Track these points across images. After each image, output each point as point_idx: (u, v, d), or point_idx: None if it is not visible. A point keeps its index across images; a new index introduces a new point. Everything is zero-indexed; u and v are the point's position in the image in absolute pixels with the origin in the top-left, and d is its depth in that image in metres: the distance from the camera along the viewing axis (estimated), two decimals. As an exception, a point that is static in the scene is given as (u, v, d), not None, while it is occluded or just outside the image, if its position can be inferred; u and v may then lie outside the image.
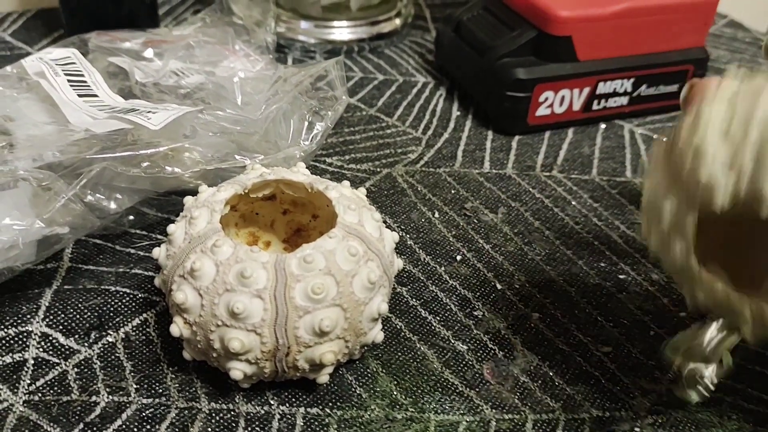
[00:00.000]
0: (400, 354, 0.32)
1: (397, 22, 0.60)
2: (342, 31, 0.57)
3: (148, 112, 0.33)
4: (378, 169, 0.44)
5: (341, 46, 0.57)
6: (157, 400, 0.29)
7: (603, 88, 0.49)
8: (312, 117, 0.37)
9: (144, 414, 0.29)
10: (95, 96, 0.35)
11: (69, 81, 0.35)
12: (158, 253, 0.29)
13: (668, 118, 0.52)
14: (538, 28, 0.47)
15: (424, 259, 0.38)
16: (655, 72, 0.50)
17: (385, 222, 0.40)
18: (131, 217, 0.37)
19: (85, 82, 0.36)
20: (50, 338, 0.31)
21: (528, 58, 0.47)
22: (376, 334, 0.30)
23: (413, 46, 0.60)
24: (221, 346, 0.27)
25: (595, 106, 0.50)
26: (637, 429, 0.30)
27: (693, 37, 0.50)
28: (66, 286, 0.34)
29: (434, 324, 0.34)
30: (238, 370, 0.27)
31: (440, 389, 0.31)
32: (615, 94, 0.50)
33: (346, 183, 0.32)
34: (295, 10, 0.57)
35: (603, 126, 0.51)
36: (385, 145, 0.47)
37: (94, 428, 0.28)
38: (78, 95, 0.35)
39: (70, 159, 0.30)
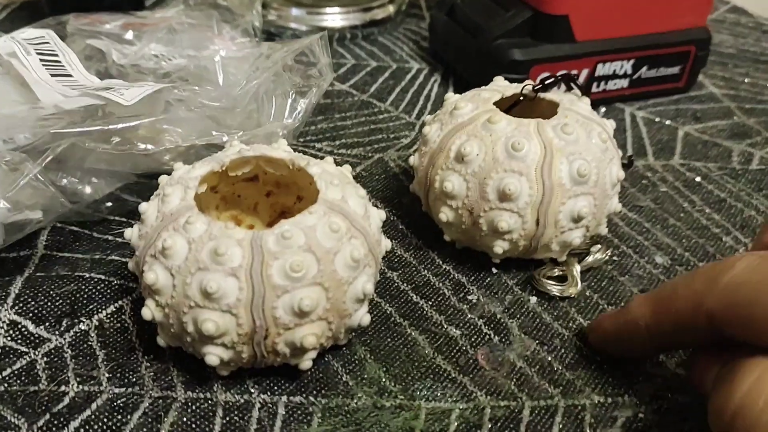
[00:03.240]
0: (389, 339, 0.30)
1: (391, 8, 0.58)
2: (334, 17, 0.56)
3: (122, 88, 0.32)
4: (369, 154, 0.42)
5: (334, 33, 0.55)
6: (129, 390, 0.27)
7: (602, 69, 0.47)
8: (295, 94, 0.36)
9: (115, 404, 0.27)
10: (69, 76, 0.34)
11: (41, 60, 0.34)
12: (131, 234, 0.28)
13: (670, 101, 0.50)
14: (533, 8, 0.45)
15: (417, 243, 0.36)
16: (655, 53, 0.48)
17: (376, 207, 0.38)
18: (109, 204, 0.35)
19: (59, 61, 0.34)
20: (19, 326, 0.30)
21: (524, 39, 0.46)
22: (362, 317, 0.28)
23: (407, 33, 0.59)
24: (195, 329, 0.25)
25: (594, 89, 0.48)
26: (640, 415, 0.28)
27: (694, 17, 0.49)
28: (38, 274, 0.32)
29: (426, 309, 0.32)
30: (213, 355, 0.26)
31: (432, 376, 0.29)
32: (615, 76, 0.48)
33: (330, 159, 0.30)
34: (286, -4, 0.55)
35: (603, 109, 0.49)
36: (377, 131, 0.45)
37: (61, 419, 0.26)
38: (51, 74, 0.33)
39: (38, 136, 0.28)
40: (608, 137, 0.32)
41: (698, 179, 0.42)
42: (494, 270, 0.34)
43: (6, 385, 0.27)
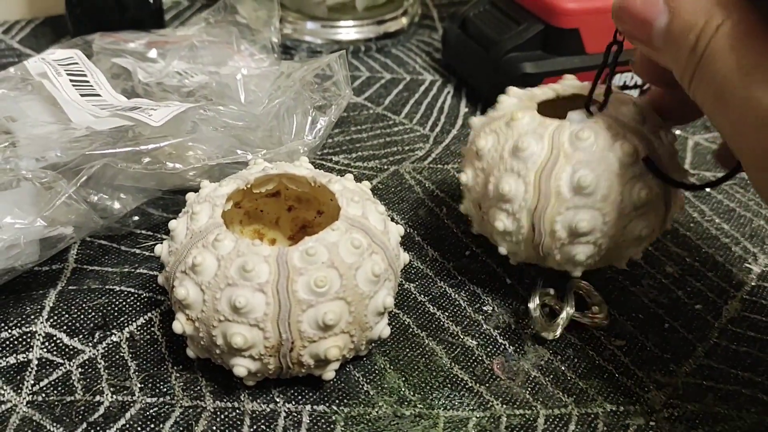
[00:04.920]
0: (408, 350, 0.32)
1: (404, 21, 0.59)
2: (348, 30, 0.57)
3: (150, 109, 0.33)
4: (385, 167, 0.44)
5: (348, 46, 0.57)
6: (161, 399, 0.29)
7: (613, 81, 0.48)
8: (315, 112, 0.37)
9: (148, 413, 0.28)
10: (98, 95, 0.35)
11: (71, 81, 0.35)
12: (160, 249, 0.29)
13: (680, 111, 0.51)
14: (544, 21, 0.46)
15: (433, 255, 0.37)
16: (665, 64, 0.49)
17: (392, 219, 0.39)
18: (136, 218, 0.37)
19: (87, 81, 0.36)
20: (54, 338, 0.31)
21: (535, 52, 0.47)
22: (383, 329, 0.29)
23: (420, 45, 0.60)
24: (224, 342, 0.26)
25: (605, 100, 0.49)
26: (652, 423, 0.29)
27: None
28: (70, 287, 0.33)
29: (443, 319, 0.33)
30: (241, 367, 0.27)
31: (449, 385, 0.30)
32: (625, 87, 0.49)
33: (350, 176, 0.31)
34: (301, 10, 0.56)
35: (614, 120, 0.50)
36: (392, 143, 0.46)
37: (98, 428, 0.27)
38: (80, 95, 0.34)
39: (71, 156, 0.30)
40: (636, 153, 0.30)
41: (707, 189, 0.43)
42: (508, 281, 0.35)
43: (44, 395, 0.29)
